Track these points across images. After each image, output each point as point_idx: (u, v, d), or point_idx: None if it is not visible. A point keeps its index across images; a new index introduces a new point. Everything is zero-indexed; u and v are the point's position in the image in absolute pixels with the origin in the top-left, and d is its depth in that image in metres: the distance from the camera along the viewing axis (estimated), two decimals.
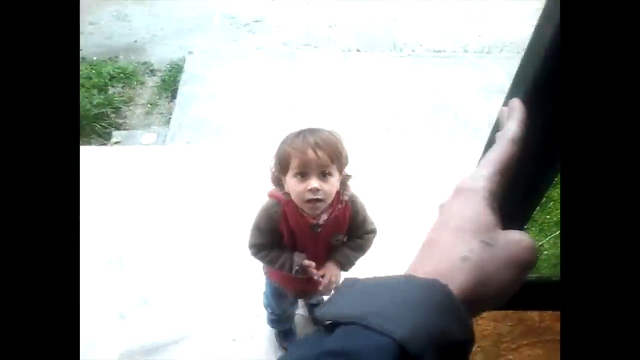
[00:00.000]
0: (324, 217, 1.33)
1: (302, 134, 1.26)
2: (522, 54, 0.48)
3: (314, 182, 1.21)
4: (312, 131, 1.27)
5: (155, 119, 3.03)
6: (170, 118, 2.95)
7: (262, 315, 1.95)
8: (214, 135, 2.82)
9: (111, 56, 3.39)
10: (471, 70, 3.45)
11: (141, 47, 3.51)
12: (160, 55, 3.45)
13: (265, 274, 1.63)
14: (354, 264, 1.47)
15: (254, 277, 2.07)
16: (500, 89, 3.30)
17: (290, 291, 1.62)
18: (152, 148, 2.64)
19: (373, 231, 1.47)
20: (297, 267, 1.38)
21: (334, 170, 1.24)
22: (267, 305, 1.80)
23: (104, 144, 2.79)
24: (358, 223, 1.42)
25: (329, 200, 1.28)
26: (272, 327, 1.89)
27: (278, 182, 1.33)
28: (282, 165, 1.26)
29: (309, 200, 1.23)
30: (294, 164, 1.22)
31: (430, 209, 1.68)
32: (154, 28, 3.66)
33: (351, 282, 0.41)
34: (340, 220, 1.38)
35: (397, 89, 3.28)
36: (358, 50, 3.67)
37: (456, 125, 3.05)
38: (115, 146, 2.71)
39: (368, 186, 2.47)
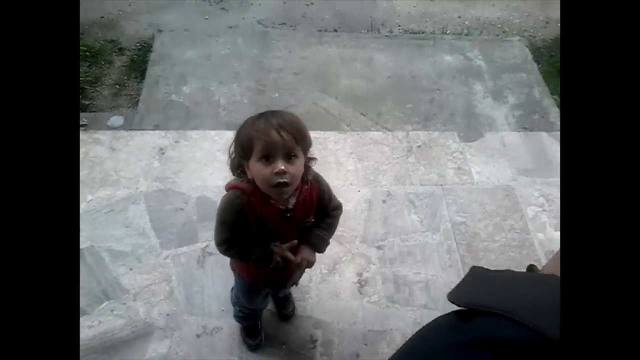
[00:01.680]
0: (292, 201, 1.30)
1: (263, 116, 1.22)
2: (501, 35, 0.45)
3: (280, 165, 1.17)
4: (273, 113, 1.23)
5: (124, 100, 2.91)
6: (138, 100, 2.85)
7: (227, 309, 1.92)
8: (183, 119, 2.73)
9: None
10: (449, 52, 3.39)
11: (109, 24, 3.35)
12: (128, 34, 3.31)
13: (235, 270, 1.59)
14: (328, 243, 1.46)
15: (219, 269, 2.05)
16: (477, 72, 3.26)
17: (264, 284, 1.58)
18: (118, 133, 2.54)
19: (339, 207, 1.46)
20: (278, 259, 1.35)
21: (299, 152, 1.21)
22: (236, 303, 1.77)
23: None
24: (325, 202, 1.41)
25: (296, 184, 1.25)
26: (239, 323, 1.86)
27: (239, 169, 1.28)
28: (245, 150, 1.22)
29: (277, 185, 1.19)
30: (258, 147, 1.18)
31: (402, 193, 1.64)
32: (122, 4, 3.49)
33: (479, 272, 0.40)
34: (308, 202, 1.35)
35: (373, 70, 3.21)
36: (335, 30, 3.57)
37: (432, 109, 3.00)
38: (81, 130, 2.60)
39: (342, 170, 2.44)
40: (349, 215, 2.27)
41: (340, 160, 2.51)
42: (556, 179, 2.50)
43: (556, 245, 2.23)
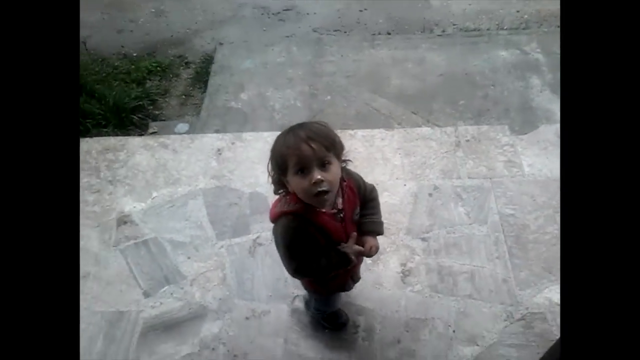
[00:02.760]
0: (340, 201, 1.37)
1: (291, 131, 1.28)
2: None
3: (316, 175, 1.21)
4: (301, 126, 1.29)
5: (189, 109, 3.18)
6: (201, 108, 3.09)
7: (274, 295, 2.04)
8: (241, 124, 2.92)
9: (149, 51, 3.58)
10: (505, 47, 3.32)
11: (177, 41, 3.67)
12: (194, 49, 3.60)
13: (310, 290, 1.70)
14: (382, 222, 1.53)
15: (268, 259, 2.17)
16: (534, 65, 3.16)
17: (348, 283, 1.68)
18: (181, 137, 2.78)
19: (374, 188, 1.54)
20: (352, 257, 1.42)
21: (332, 158, 1.26)
22: (318, 312, 1.90)
23: (141, 135, 2.97)
24: (362, 190, 1.48)
25: (335, 189, 1.30)
26: (330, 316, 1.95)
27: (280, 184, 1.34)
28: (281, 167, 1.27)
29: (317, 194, 1.24)
30: (292, 162, 1.23)
31: (449, 187, 1.67)
32: (189, 22, 3.81)
33: None
34: (352, 197, 1.42)
35: (425, 70, 3.23)
36: (388, 34, 3.63)
37: (485, 104, 2.96)
38: (150, 136, 2.88)
39: (388, 165, 2.48)
40: (394, 208, 2.30)
41: (386, 156, 2.55)
42: None
43: None
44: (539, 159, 2.46)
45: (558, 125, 2.64)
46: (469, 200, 2.31)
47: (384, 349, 1.87)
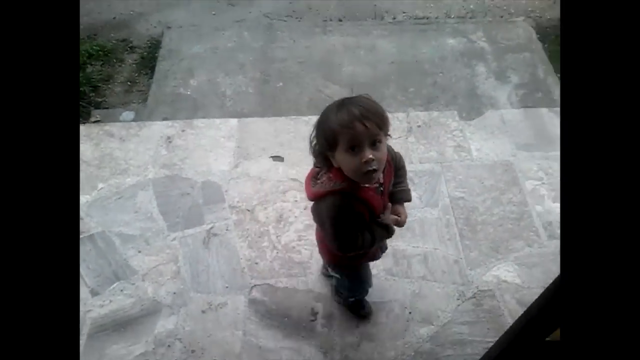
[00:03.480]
0: (380, 175, 1.33)
1: (344, 107, 1.21)
2: (506, 17, 0.48)
3: (368, 154, 1.19)
4: (352, 101, 1.24)
5: (135, 96, 3.04)
6: (148, 95, 2.96)
7: (231, 286, 2.01)
8: (191, 111, 2.83)
9: (89, 34, 3.38)
10: (452, 35, 3.40)
11: (120, 24, 3.49)
12: (139, 32, 3.44)
13: (348, 266, 1.66)
14: (410, 190, 1.52)
15: (223, 249, 2.13)
16: (479, 54, 3.26)
17: (377, 253, 1.66)
18: (127, 124, 2.66)
19: (401, 156, 1.51)
20: (394, 227, 1.42)
21: (382, 137, 1.24)
22: (353, 295, 1.88)
23: (83, 123, 2.81)
24: (396, 161, 1.46)
25: (383, 167, 1.28)
26: (355, 304, 1.95)
27: (324, 159, 1.30)
28: (330, 143, 1.22)
29: (367, 172, 1.21)
30: (344, 139, 1.19)
31: (408, 173, 1.64)
32: (133, 4, 3.63)
33: None
34: (389, 170, 1.41)
35: (376, 57, 3.25)
36: (340, 20, 3.62)
37: (434, 91, 3.02)
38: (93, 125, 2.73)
39: None
40: None
41: None
42: (556, 153, 2.49)
43: (554, 217, 2.23)
44: (486, 143, 2.55)
45: (503, 111, 2.75)
46: (421, 184, 2.36)
47: (344, 334, 1.89)
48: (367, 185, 1.30)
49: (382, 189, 1.36)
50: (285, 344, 1.88)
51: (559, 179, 2.38)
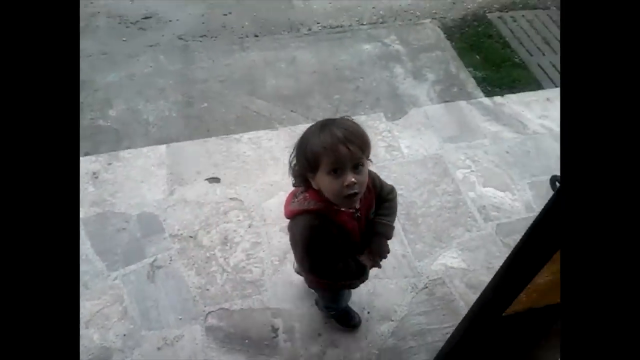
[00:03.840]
0: (358, 201, 1.31)
1: (327, 128, 1.19)
2: (414, 20, 0.49)
3: (350, 178, 1.17)
4: (335, 123, 1.21)
5: None
6: None
7: (185, 318, 1.93)
8: (114, 142, 2.70)
9: None
10: (367, 41, 3.53)
11: None
12: None
13: (321, 289, 1.67)
14: (394, 226, 1.47)
15: (170, 280, 2.05)
16: (395, 56, 3.41)
17: (356, 282, 1.63)
18: None
19: (393, 189, 1.48)
20: (369, 270, 1.45)
21: (364, 160, 1.22)
22: (329, 308, 1.87)
23: None
24: (379, 189, 1.43)
25: (364, 190, 1.26)
26: (334, 317, 1.93)
27: (303, 179, 1.28)
28: (312, 164, 1.20)
29: (348, 196, 1.19)
30: (326, 162, 1.17)
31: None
32: None
33: None
34: (368, 196, 1.37)
35: (297, 69, 3.30)
36: (256, 36, 3.64)
37: (358, 96, 3.12)
38: None
39: (279, 165, 2.49)
40: None
41: (276, 156, 2.56)
42: (479, 141, 2.67)
43: (486, 200, 2.38)
44: (414, 140, 2.67)
45: (425, 108, 2.89)
46: None
47: (307, 345, 1.88)
48: (342, 209, 1.30)
49: (358, 214, 1.34)
50: None
51: (485, 165, 2.55)
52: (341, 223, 1.31)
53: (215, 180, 2.45)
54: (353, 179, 1.17)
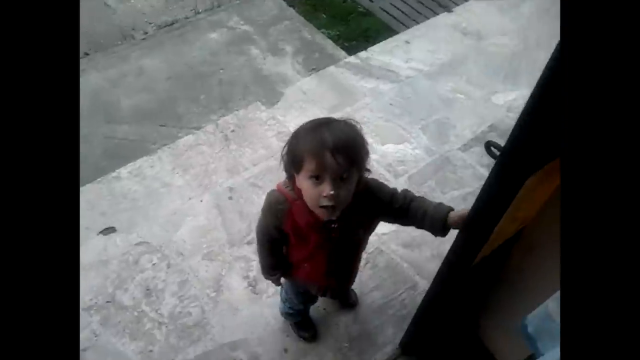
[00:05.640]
0: (335, 214, 1.18)
1: (319, 130, 1.10)
2: None
3: (328, 189, 1.08)
4: (329, 127, 1.11)
5: None
6: None
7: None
8: None
9: None
10: (212, 29, 3.33)
11: None
12: None
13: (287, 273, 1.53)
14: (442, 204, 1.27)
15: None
16: (246, 37, 3.27)
17: (316, 289, 1.53)
18: None
19: (407, 191, 1.30)
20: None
21: (352, 173, 1.11)
22: (286, 300, 1.72)
23: None
24: (386, 202, 1.26)
25: (344, 205, 1.15)
26: (287, 319, 1.82)
27: (289, 174, 1.22)
28: (296, 165, 1.14)
29: (324, 207, 1.12)
30: (309, 166, 1.09)
31: (242, 182, 1.57)
32: None
33: None
34: (357, 216, 1.24)
35: (149, 79, 3.00)
36: (87, 54, 3.21)
37: (224, 89, 2.95)
38: None
39: (173, 190, 2.29)
40: (206, 228, 2.17)
41: (166, 182, 2.34)
42: (361, 102, 2.71)
43: (390, 158, 2.45)
44: (300, 119, 2.47)
45: (299, 84, 2.84)
46: (266, 184, 2.33)
47: None
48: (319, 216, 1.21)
49: (334, 225, 1.23)
50: None
51: (375, 123, 2.61)
52: (300, 224, 1.25)
53: (110, 230, 2.16)
54: (332, 192, 1.09)
